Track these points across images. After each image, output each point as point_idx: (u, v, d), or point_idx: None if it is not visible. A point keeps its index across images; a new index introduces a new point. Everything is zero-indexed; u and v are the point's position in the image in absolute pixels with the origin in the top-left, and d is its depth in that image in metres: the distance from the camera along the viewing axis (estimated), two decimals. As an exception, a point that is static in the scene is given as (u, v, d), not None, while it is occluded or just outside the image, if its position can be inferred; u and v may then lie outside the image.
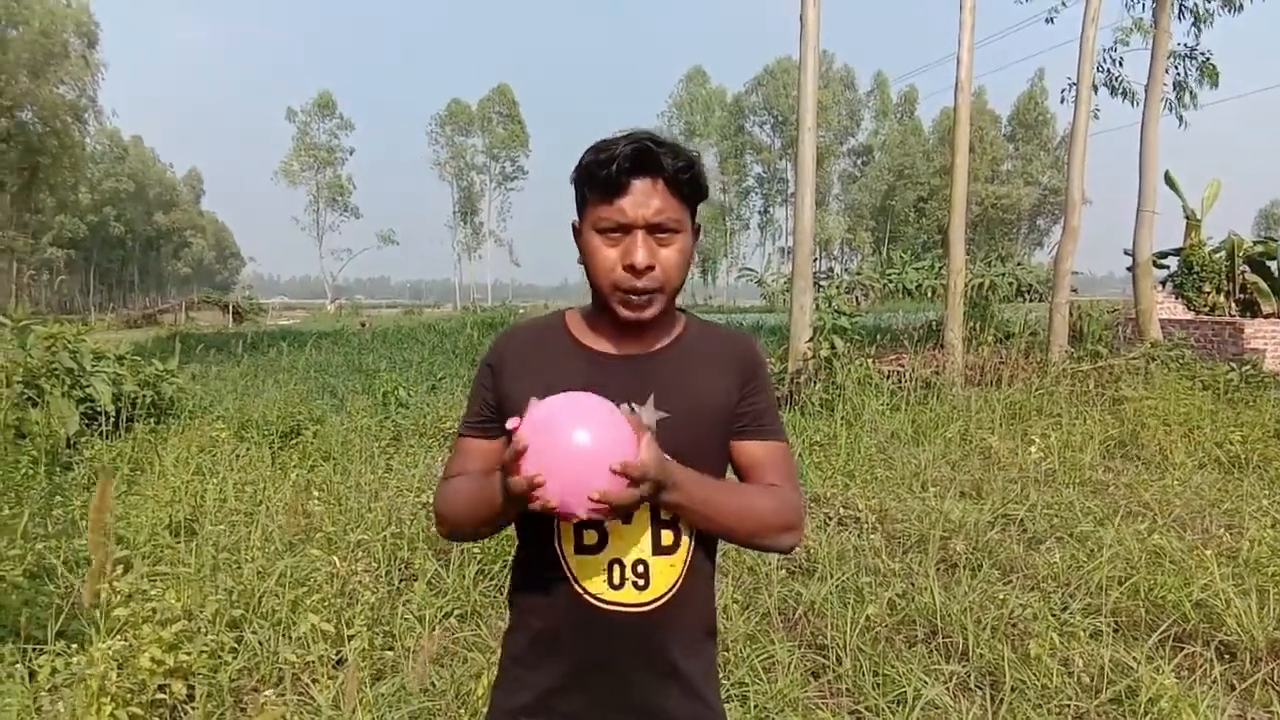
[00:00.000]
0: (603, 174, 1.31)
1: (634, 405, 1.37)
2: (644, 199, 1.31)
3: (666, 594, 1.38)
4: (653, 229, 1.33)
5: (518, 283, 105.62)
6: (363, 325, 28.46)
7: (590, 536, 1.35)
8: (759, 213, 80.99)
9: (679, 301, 1.49)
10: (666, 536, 1.37)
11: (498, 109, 77.49)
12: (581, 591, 1.36)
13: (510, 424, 1.24)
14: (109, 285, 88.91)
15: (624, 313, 1.36)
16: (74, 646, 3.17)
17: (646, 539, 1.36)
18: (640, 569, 1.36)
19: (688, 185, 1.35)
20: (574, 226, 1.42)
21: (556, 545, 1.38)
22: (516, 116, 77.47)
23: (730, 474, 1.51)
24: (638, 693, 1.39)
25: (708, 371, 1.45)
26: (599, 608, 1.36)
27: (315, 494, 5.50)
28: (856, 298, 46.09)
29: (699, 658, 1.45)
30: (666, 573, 1.38)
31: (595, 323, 1.46)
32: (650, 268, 1.33)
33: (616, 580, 1.36)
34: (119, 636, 3.26)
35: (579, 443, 1.19)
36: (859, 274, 53.69)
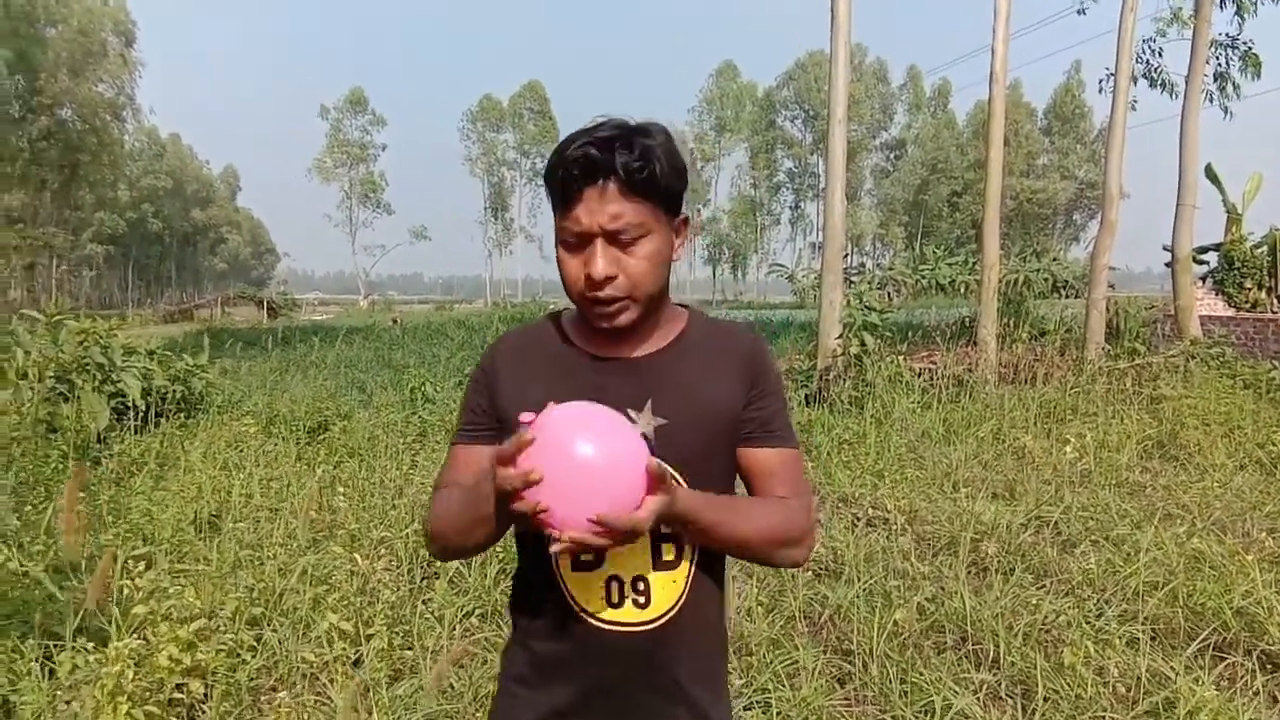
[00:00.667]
0: (553, 183, 1.24)
1: (631, 412, 1.29)
2: (598, 206, 1.22)
3: (669, 612, 1.31)
4: (611, 236, 1.23)
5: (548, 279, 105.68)
6: (394, 322, 28.57)
7: (586, 552, 1.29)
8: (790, 208, 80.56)
9: (687, 298, 1.41)
10: (668, 551, 1.30)
11: (529, 105, 77.63)
12: (580, 611, 1.29)
13: (524, 417, 1.14)
14: (147, 281, 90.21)
15: (598, 323, 1.30)
16: (93, 645, 3.17)
17: (646, 554, 1.29)
18: (640, 586, 1.29)
19: (644, 184, 1.22)
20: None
21: (552, 562, 1.30)
22: (548, 113, 77.55)
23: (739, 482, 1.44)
24: (643, 717, 1.32)
25: (711, 373, 1.37)
26: (598, 628, 1.29)
27: (341, 490, 5.50)
28: (888, 293, 45.66)
29: (707, 678, 1.38)
30: (668, 589, 1.31)
31: (582, 326, 1.38)
32: (612, 277, 1.24)
33: (615, 598, 1.29)
34: (137, 634, 3.26)
35: (593, 455, 1.10)
36: (891, 269, 53.14)
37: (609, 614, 1.29)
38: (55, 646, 3.20)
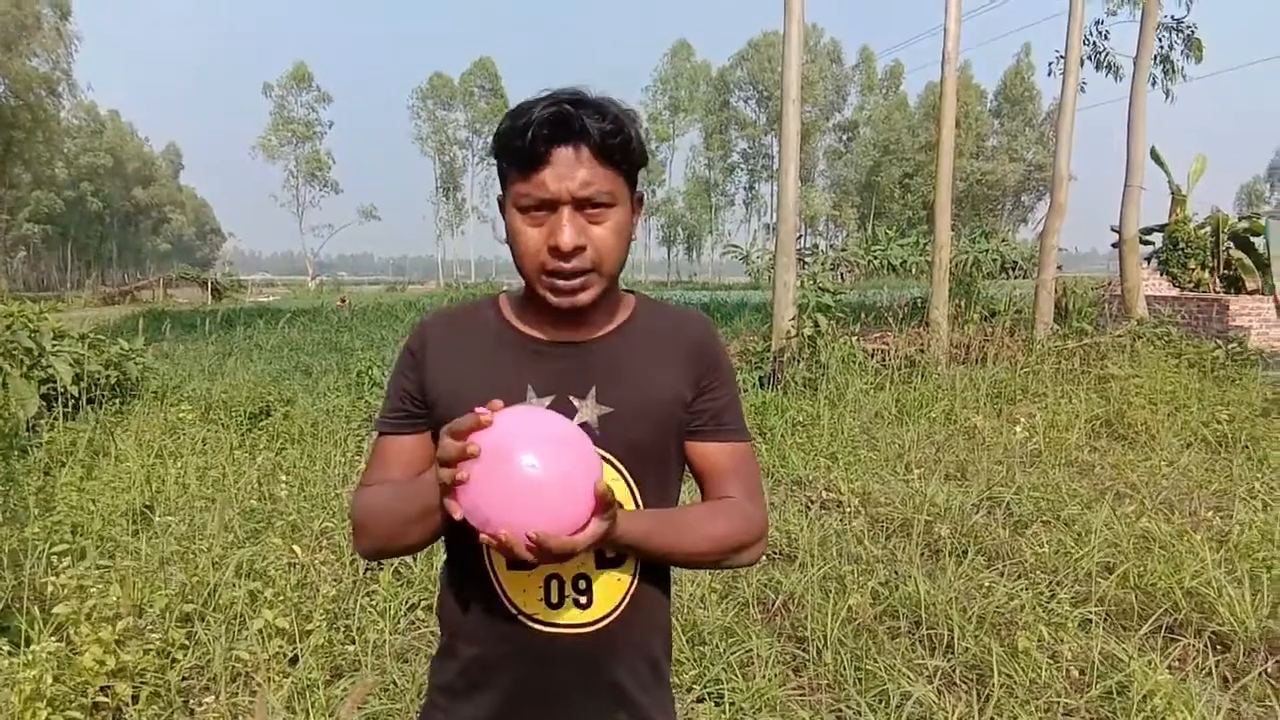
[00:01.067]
0: (517, 144, 1.12)
1: (574, 398, 1.20)
2: (568, 170, 1.12)
3: (613, 613, 1.21)
4: (580, 204, 1.14)
5: (501, 259, 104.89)
6: (341, 302, 28.03)
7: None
8: (744, 189, 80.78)
9: (642, 279, 1.29)
10: (611, 548, 1.19)
11: (480, 83, 76.65)
12: (516, 612, 1.19)
13: (493, 404, 1.03)
14: (87, 262, 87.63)
15: (553, 299, 1.18)
16: (10, 646, 3.00)
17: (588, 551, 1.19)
18: (582, 585, 1.19)
19: (618, 151, 1.14)
20: (499, 201, 1.23)
21: (486, 560, 1.20)
22: (500, 91, 76.59)
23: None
24: None
25: (659, 360, 1.27)
26: (536, 630, 1.19)
27: (283, 478, 5.33)
28: (841, 274, 46.01)
29: (652, 681, 1.28)
30: (613, 588, 1.21)
31: (529, 307, 1.27)
32: (580, 248, 1.14)
33: (555, 599, 1.18)
34: (59, 635, 3.09)
35: (542, 471, 1.00)
36: (843, 251, 53.54)
37: (548, 615, 1.19)
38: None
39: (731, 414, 1.31)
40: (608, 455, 1.18)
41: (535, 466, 1.00)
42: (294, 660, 3.29)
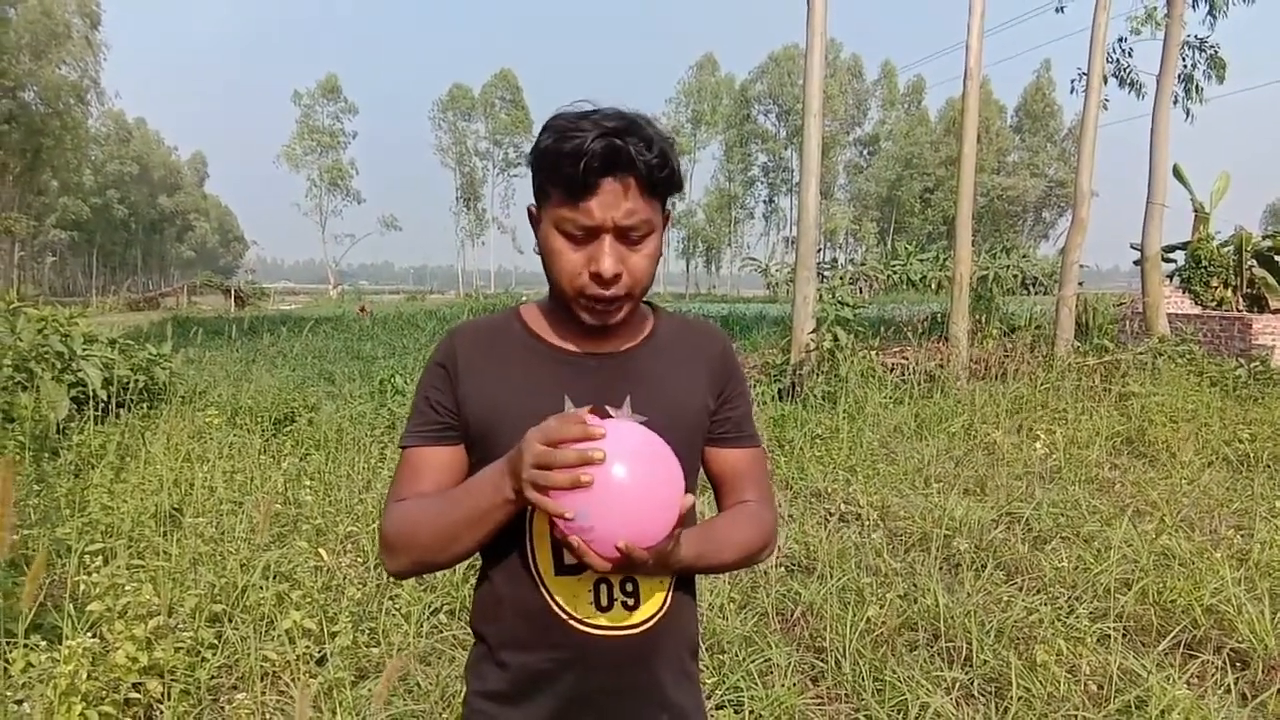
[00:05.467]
0: (568, 172, 1.14)
1: (610, 409, 1.24)
2: (614, 201, 1.15)
3: (657, 614, 1.25)
4: (621, 232, 1.17)
5: (521, 270, 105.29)
6: (362, 310, 28.23)
7: (571, 556, 1.22)
8: (764, 202, 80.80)
9: (661, 292, 1.34)
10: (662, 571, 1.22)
11: (501, 94, 77.11)
12: (566, 617, 1.22)
13: (580, 412, 1.07)
14: (112, 268, 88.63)
15: (587, 319, 1.22)
16: (46, 643, 3.07)
17: None
18: (629, 588, 1.23)
19: (662, 184, 1.18)
20: (530, 212, 1.26)
21: (532, 568, 1.23)
22: (520, 102, 77.06)
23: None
24: None
25: (684, 371, 1.32)
26: (585, 633, 1.22)
27: (307, 483, 5.40)
28: (860, 289, 45.90)
29: (688, 685, 1.33)
30: (656, 590, 1.25)
31: (556, 319, 1.31)
32: (618, 276, 1.18)
33: (604, 601, 1.22)
34: (93, 632, 3.16)
35: (645, 479, 1.05)
36: (863, 265, 53.44)
37: (598, 619, 1.22)
38: (8, 644, 3.10)
39: (749, 422, 1.39)
40: None
41: (646, 477, 1.05)
42: (321, 660, 3.35)
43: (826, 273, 49.03)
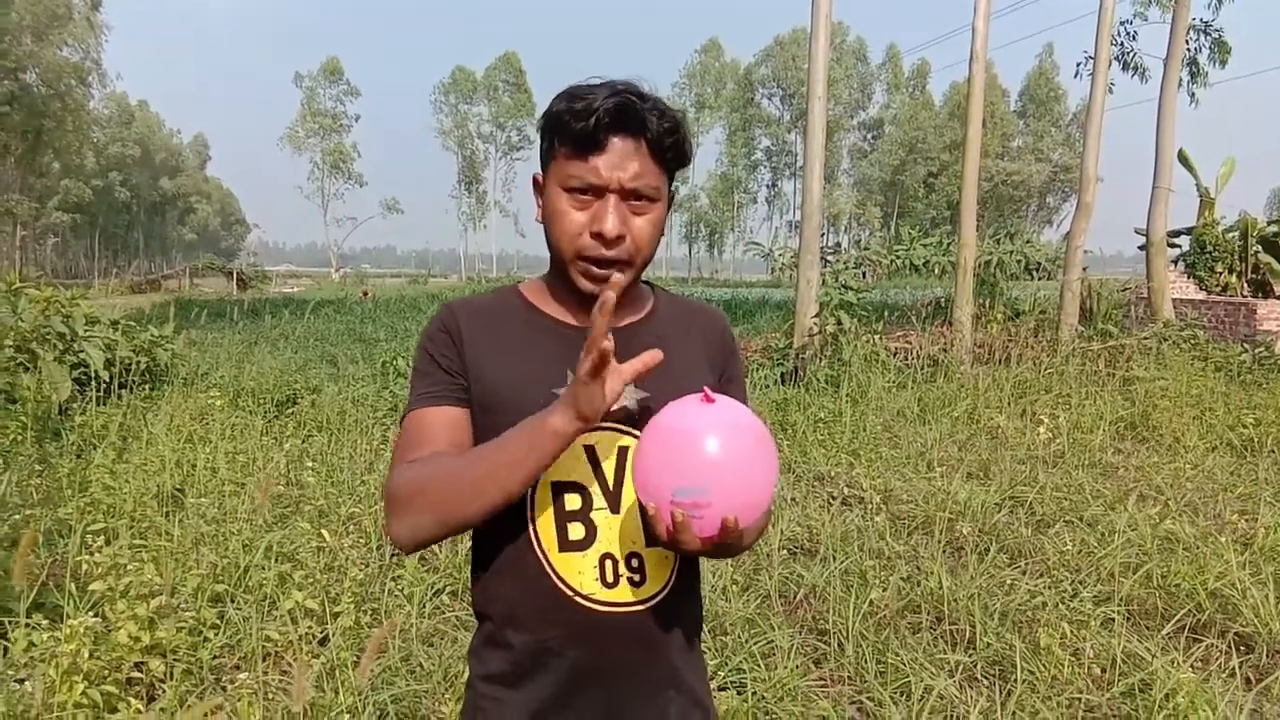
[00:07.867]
0: (578, 126, 1.13)
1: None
2: (622, 160, 1.14)
3: (663, 590, 1.23)
4: (627, 194, 1.16)
5: (523, 254, 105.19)
6: (364, 294, 28.20)
7: (576, 531, 1.20)
8: (767, 186, 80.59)
9: (664, 275, 1.32)
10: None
11: (504, 77, 76.79)
12: (572, 594, 1.20)
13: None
14: (114, 250, 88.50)
15: (584, 284, 1.19)
16: (48, 621, 3.06)
17: (638, 530, 1.20)
18: (634, 563, 1.21)
19: (672, 150, 1.18)
20: (535, 180, 1.25)
21: (535, 544, 1.21)
22: (523, 85, 76.74)
23: None
24: (640, 702, 1.25)
25: (685, 349, 1.31)
26: (592, 610, 1.20)
27: (309, 464, 5.40)
28: (864, 273, 45.82)
29: (694, 659, 1.32)
30: (662, 565, 1.24)
31: (557, 293, 1.28)
32: (620, 237, 1.16)
33: (610, 578, 1.20)
34: (95, 612, 3.16)
35: (770, 462, 1.08)
36: (866, 249, 53.34)
37: (604, 595, 1.20)
38: (10, 623, 3.10)
39: (747, 401, 1.36)
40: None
41: (766, 455, 1.07)
42: (323, 641, 3.35)
43: (830, 257, 48.92)
